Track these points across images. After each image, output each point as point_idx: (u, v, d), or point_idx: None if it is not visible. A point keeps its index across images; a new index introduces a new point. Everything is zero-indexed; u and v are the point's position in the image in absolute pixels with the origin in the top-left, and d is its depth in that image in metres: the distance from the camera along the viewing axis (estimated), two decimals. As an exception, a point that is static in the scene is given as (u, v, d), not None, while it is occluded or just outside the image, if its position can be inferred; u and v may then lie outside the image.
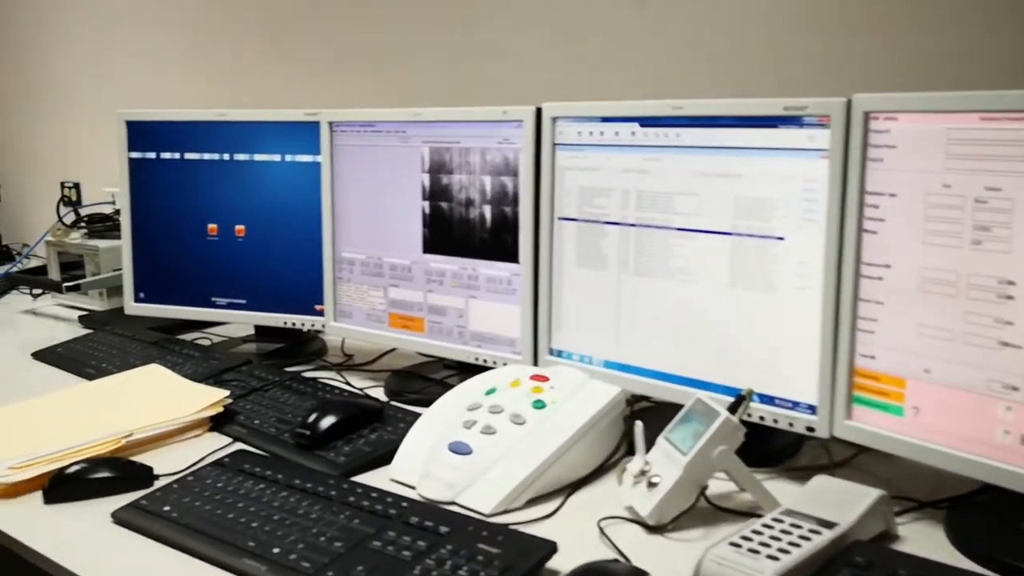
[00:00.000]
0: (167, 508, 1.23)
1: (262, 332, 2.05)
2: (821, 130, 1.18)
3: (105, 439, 1.40)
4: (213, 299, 1.96)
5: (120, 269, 2.16)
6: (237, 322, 2.01)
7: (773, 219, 1.24)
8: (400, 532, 1.11)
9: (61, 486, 1.31)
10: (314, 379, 1.72)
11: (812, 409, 1.23)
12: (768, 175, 1.24)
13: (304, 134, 1.84)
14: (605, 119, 1.41)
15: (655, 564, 1.05)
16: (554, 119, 1.47)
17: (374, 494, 1.21)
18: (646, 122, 1.36)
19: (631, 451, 1.36)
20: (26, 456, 1.34)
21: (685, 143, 1.32)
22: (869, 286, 1.16)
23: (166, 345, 1.96)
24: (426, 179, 1.64)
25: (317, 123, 1.80)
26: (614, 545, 1.12)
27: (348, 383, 1.75)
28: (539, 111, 1.49)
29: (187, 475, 1.32)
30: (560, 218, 1.48)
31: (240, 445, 1.48)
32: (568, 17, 1.91)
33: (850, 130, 1.15)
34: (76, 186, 2.77)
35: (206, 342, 2.05)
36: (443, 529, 1.11)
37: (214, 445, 1.48)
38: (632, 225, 1.40)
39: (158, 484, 1.33)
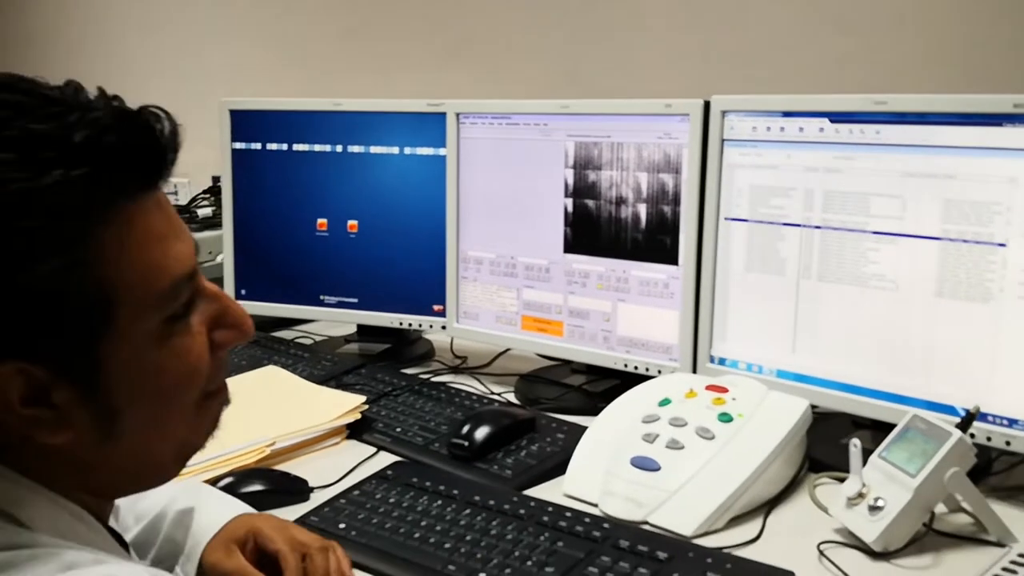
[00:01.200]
0: (342, 526, 1.16)
1: (364, 331, 1.96)
2: (1057, 129, 1.10)
3: (249, 448, 1.32)
4: (322, 297, 1.88)
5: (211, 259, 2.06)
6: (348, 321, 1.92)
7: (993, 224, 1.16)
8: (614, 558, 1.03)
9: (219, 500, 1.23)
10: (444, 383, 1.64)
11: (1034, 427, 1.16)
12: (988, 177, 1.16)
13: (425, 125, 1.75)
14: (787, 114, 1.33)
15: (895, 595, 0.98)
16: (724, 113, 1.39)
17: (568, 513, 1.13)
18: (837, 117, 1.28)
19: (812, 467, 1.30)
20: (178, 467, 1.25)
21: (886, 141, 1.24)
22: (1109, 297, 1.08)
23: (268, 344, 1.88)
24: (570, 175, 1.56)
25: (440, 114, 1.71)
26: (844, 573, 1.04)
27: (490, 390, 1.66)
28: (707, 104, 1.41)
29: (352, 489, 1.24)
30: (728, 218, 1.40)
31: (385, 455, 1.39)
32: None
33: (1094, 130, 1.07)
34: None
35: (307, 341, 1.97)
36: (660, 555, 1.03)
37: (356, 454, 1.40)
38: (817, 227, 1.31)
39: (314, 498, 1.26)
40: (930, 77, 1.52)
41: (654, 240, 1.48)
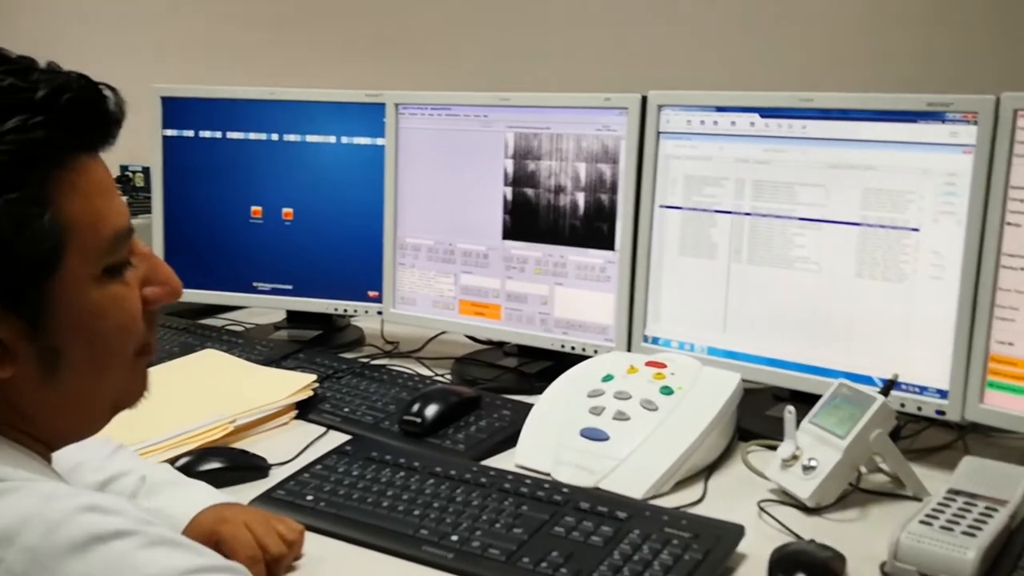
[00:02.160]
0: (310, 498, 1.19)
1: (293, 319, 1.99)
2: (965, 126, 1.23)
3: (212, 425, 1.35)
4: (255, 284, 1.90)
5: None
6: (282, 307, 1.94)
7: (908, 211, 1.29)
8: (577, 519, 1.10)
9: (179, 477, 1.25)
10: (384, 366, 1.69)
11: (942, 393, 1.28)
12: (904, 168, 1.28)
13: (363, 115, 1.79)
14: (720, 109, 1.43)
15: (831, 544, 1.07)
16: (660, 107, 1.48)
17: (528, 480, 1.20)
18: (767, 113, 1.39)
19: (741, 437, 1.40)
20: (141, 443, 1.27)
21: (812, 135, 1.35)
22: (1010, 276, 1.22)
23: (199, 332, 1.88)
24: (509, 165, 1.63)
25: (378, 104, 1.76)
26: (787, 528, 1.14)
27: (436, 373, 1.71)
28: (644, 99, 1.50)
29: (313, 464, 1.28)
30: (663, 206, 1.50)
31: (336, 434, 1.43)
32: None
33: (998, 127, 1.20)
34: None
35: (237, 329, 1.98)
36: (620, 514, 1.11)
37: (307, 433, 1.43)
38: (747, 214, 1.42)
39: (273, 474, 1.29)
40: (853, 76, 1.65)
41: (591, 227, 1.57)
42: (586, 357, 1.53)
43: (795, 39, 1.73)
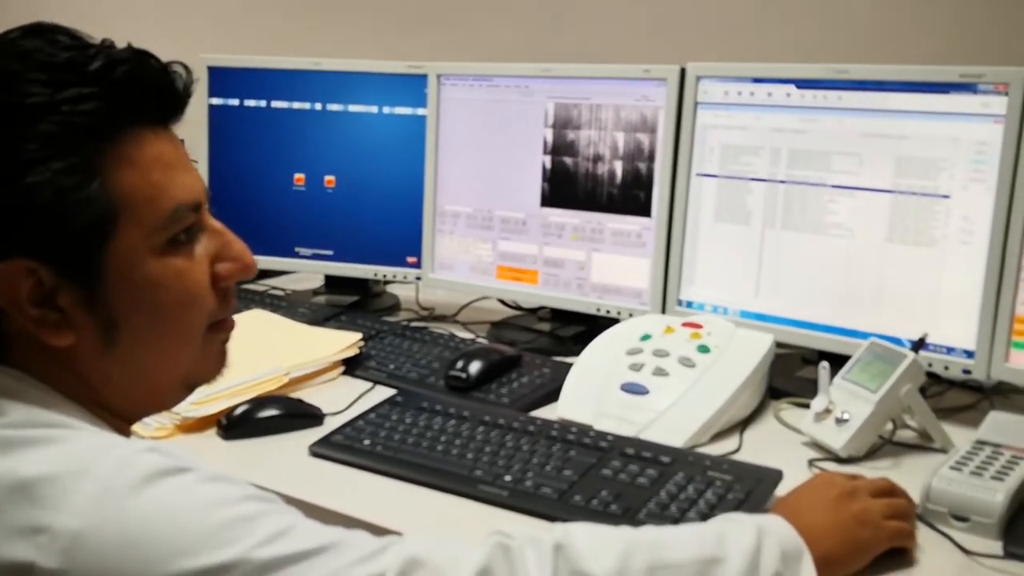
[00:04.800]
0: (367, 443, 1.26)
1: (331, 284, 2.05)
2: (997, 97, 1.28)
3: (268, 376, 1.41)
4: (296, 249, 1.96)
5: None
6: (322, 272, 2.00)
7: (938, 179, 1.34)
8: (623, 463, 1.17)
9: (240, 424, 1.31)
10: (423, 328, 1.75)
11: (969, 354, 1.34)
12: (936, 138, 1.34)
13: (405, 86, 1.84)
14: (757, 80, 1.48)
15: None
16: (698, 78, 1.53)
17: (574, 428, 1.26)
18: (803, 84, 1.44)
19: (773, 394, 1.46)
20: (200, 393, 1.33)
21: (846, 105, 1.41)
22: (1037, 241, 1.27)
23: (242, 296, 1.94)
24: (549, 134, 1.69)
25: (419, 75, 1.81)
26: (821, 469, 1.20)
27: (477, 335, 1.76)
28: (683, 70, 1.55)
29: (367, 413, 1.34)
30: (699, 174, 1.55)
31: (383, 389, 1.49)
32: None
33: (1028, 97, 1.26)
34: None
35: (278, 292, 2.04)
36: (664, 459, 1.17)
37: (355, 388, 1.50)
38: (782, 182, 1.47)
39: (328, 423, 1.35)
40: (886, 49, 1.70)
41: (629, 194, 1.62)
42: (619, 321, 1.58)
43: (831, 11, 1.78)
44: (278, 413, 1.34)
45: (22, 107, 0.71)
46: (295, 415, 1.35)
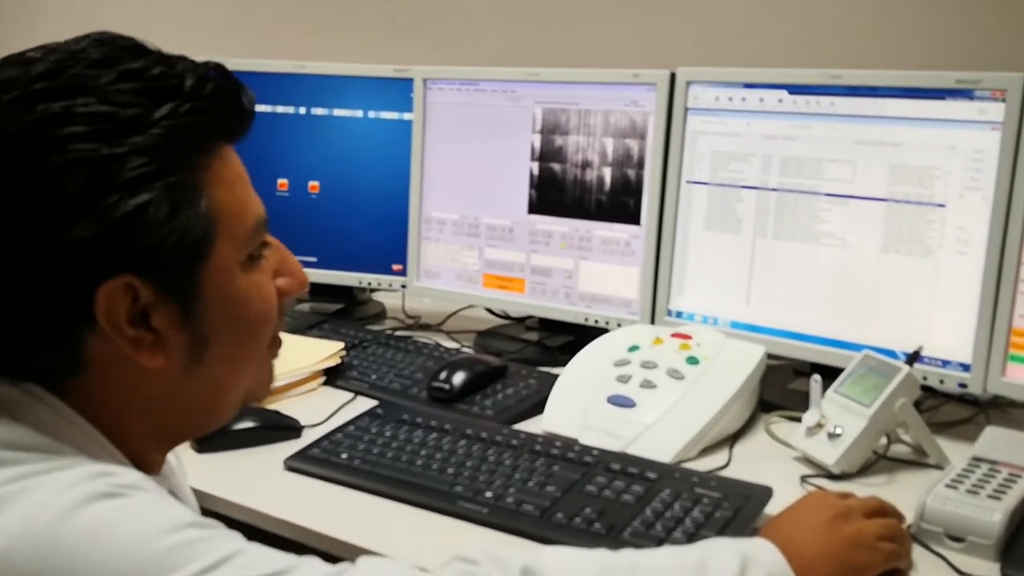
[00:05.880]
0: (344, 456, 1.22)
1: (316, 292, 2.00)
2: (993, 103, 1.25)
3: (244, 388, 1.36)
4: (279, 256, 1.91)
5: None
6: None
7: (934, 187, 1.31)
8: (608, 478, 1.13)
9: (214, 436, 1.26)
10: (407, 337, 1.71)
11: (965, 367, 1.31)
12: (931, 145, 1.31)
13: (391, 90, 1.81)
14: (748, 85, 1.45)
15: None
16: (688, 83, 1.50)
17: (557, 443, 1.22)
18: (796, 89, 1.41)
19: (764, 407, 1.42)
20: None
21: (840, 112, 1.37)
22: (1035, 251, 1.24)
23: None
24: (537, 140, 1.65)
25: (405, 79, 1.78)
26: (815, 486, 1.16)
27: (462, 344, 1.73)
28: (673, 75, 1.52)
29: (346, 425, 1.30)
30: (689, 181, 1.52)
31: (364, 400, 1.45)
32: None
33: (1026, 104, 1.22)
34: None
35: (261, 301, 2.00)
36: (650, 475, 1.13)
37: (336, 399, 1.46)
38: (773, 190, 1.44)
39: (306, 435, 1.31)
40: (881, 54, 1.67)
41: (617, 201, 1.59)
42: (608, 331, 1.54)
43: (824, 15, 1.75)
44: (254, 425, 1.30)
45: (119, 119, 0.68)
46: (272, 427, 1.31)
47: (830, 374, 1.29)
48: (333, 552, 1.05)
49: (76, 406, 0.72)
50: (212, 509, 1.16)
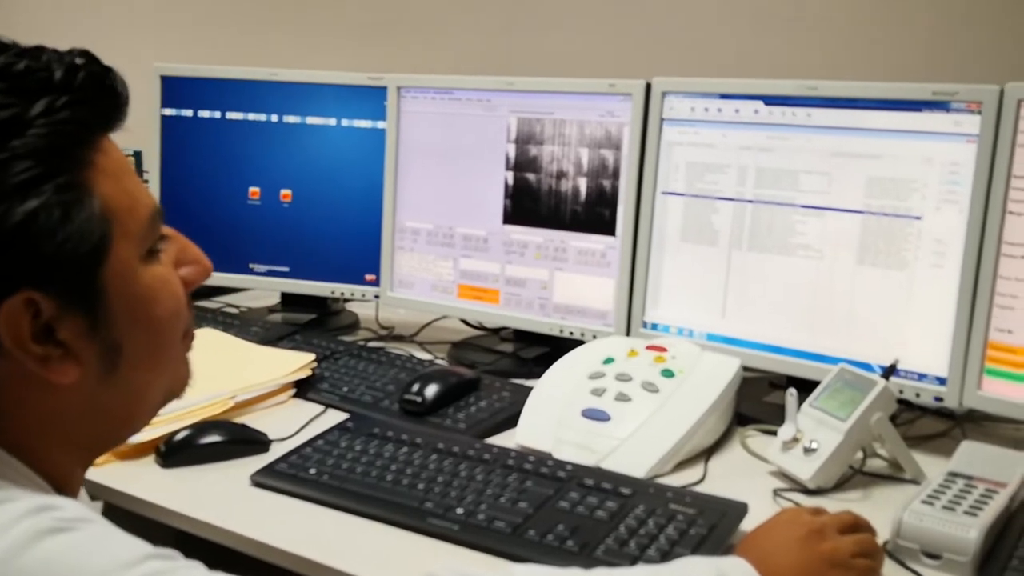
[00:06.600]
0: (313, 471, 1.19)
1: (288, 302, 1.98)
2: (969, 116, 1.25)
3: (212, 400, 1.34)
4: (251, 265, 1.89)
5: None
6: (277, 289, 1.94)
7: (910, 199, 1.30)
8: (582, 494, 1.11)
9: (180, 450, 1.24)
10: (381, 348, 1.69)
11: (941, 380, 1.30)
12: (908, 157, 1.30)
13: (364, 98, 1.79)
14: (724, 96, 1.44)
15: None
16: (664, 94, 1.49)
17: (531, 457, 1.20)
18: (772, 100, 1.40)
19: (740, 421, 1.41)
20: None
21: (816, 123, 1.36)
22: (1010, 264, 1.23)
23: (194, 313, 1.87)
24: (511, 149, 1.63)
25: (378, 87, 1.76)
26: (792, 501, 1.15)
27: (433, 355, 1.71)
28: (648, 85, 1.50)
29: (315, 439, 1.28)
30: (665, 192, 1.50)
31: (335, 413, 1.43)
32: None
33: (1001, 117, 1.22)
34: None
35: (232, 310, 1.97)
36: (624, 491, 1.11)
37: (306, 411, 1.43)
38: (749, 201, 1.43)
39: (274, 449, 1.29)
40: (857, 65, 1.67)
41: (593, 212, 1.57)
42: (583, 342, 1.53)
43: (801, 27, 1.75)
44: (221, 439, 1.27)
45: None
46: (239, 441, 1.28)
47: (806, 387, 1.28)
48: (299, 571, 1.03)
49: None
50: (176, 526, 1.14)
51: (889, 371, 1.23)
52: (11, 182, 0.63)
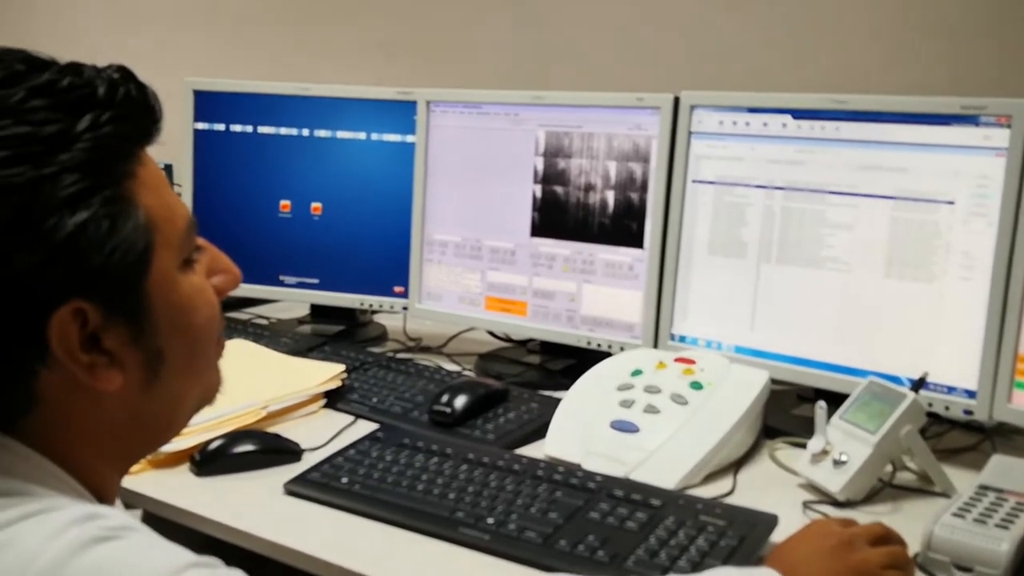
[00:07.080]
0: (345, 480, 1.21)
1: (317, 313, 2.00)
2: (999, 129, 1.25)
3: (245, 410, 1.36)
4: (281, 277, 1.91)
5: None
6: (307, 301, 1.96)
7: (939, 212, 1.30)
8: (612, 505, 1.12)
9: (214, 459, 1.26)
10: (409, 360, 1.70)
11: (970, 394, 1.29)
12: (936, 171, 1.30)
13: (394, 112, 1.81)
14: (752, 110, 1.45)
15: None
16: (692, 107, 1.50)
17: (560, 468, 1.21)
18: (800, 114, 1.41)
19: (767, 434, 1.41)
20: (175, 426, 1.28)
21: (845, 137, 1.37)
22: (1040, 278, 1.23)
23: (225, 324, 1.89)
24: (540, 162, 1.65)
25: (408, 102, 1.78)
26: (822, 513, 1.15)
27: (462, 367, 1.72)
28: (677, 99, 1.51)
29: (347, 449, 1.29)
30: (692, 205, 1.51)
31: (364, 423, 1.44)
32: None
33: (1031, 130, 1.22)
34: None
35: (262, 321, 1.99)
36: (654, 502, 1.12)
37: (336, 422, 1.45)
38: (777, 215, 1.43)
39: (306, 459, 1.30)
40: (886, 79, 1.67)
41: (621, 225, 1.58)
42: (611, 355, 1.53)
43: (830, 40, 1.75)
44: (254, 449, 1.29)
45: (41, 138, 0.65)
46: (272, 451, 1.30)
47: (834, 400, 1.28)
48: (332, 579, 1.04)
49: (32, 444, 0.70)
50: (210, 534, 1.15)
51: (918, 384, 1.23)
52: (60, 195, 0.65)
